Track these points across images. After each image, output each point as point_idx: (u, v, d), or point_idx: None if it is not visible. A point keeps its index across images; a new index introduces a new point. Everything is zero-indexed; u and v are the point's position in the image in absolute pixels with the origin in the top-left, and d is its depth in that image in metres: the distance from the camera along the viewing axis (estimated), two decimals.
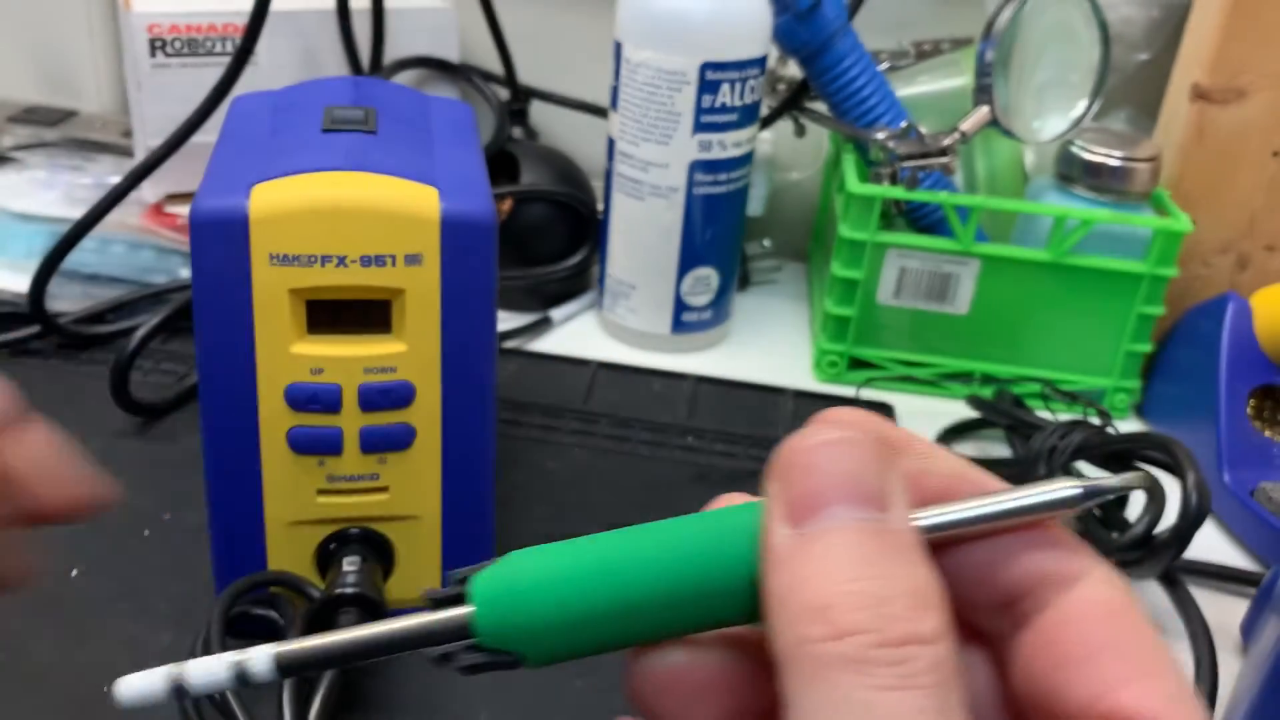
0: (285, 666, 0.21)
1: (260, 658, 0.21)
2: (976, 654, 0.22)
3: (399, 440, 0.42)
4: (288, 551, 0.44)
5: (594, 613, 0.20)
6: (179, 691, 0.20)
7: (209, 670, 0.21)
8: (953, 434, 0.63)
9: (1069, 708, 0.19)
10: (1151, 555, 0.48)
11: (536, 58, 0.84)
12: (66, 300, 0.67)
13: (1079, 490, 0.20)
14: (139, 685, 0.20)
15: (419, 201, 0.40)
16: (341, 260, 0.39)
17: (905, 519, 0.19)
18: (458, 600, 0.21)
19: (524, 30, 0.83)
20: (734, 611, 0.20)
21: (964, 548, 0.20)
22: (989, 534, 0.20)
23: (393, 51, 0.77)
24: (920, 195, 0.64)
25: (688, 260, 0.67)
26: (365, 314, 0.41)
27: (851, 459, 0.19)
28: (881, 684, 0.17)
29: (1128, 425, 0.67)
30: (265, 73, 0.72)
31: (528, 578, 0.20)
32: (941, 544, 0.20)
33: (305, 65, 0.74)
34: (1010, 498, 0.20)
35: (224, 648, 0.40)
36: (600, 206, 0.71)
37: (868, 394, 0.67)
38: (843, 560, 0.18)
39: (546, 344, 0.70)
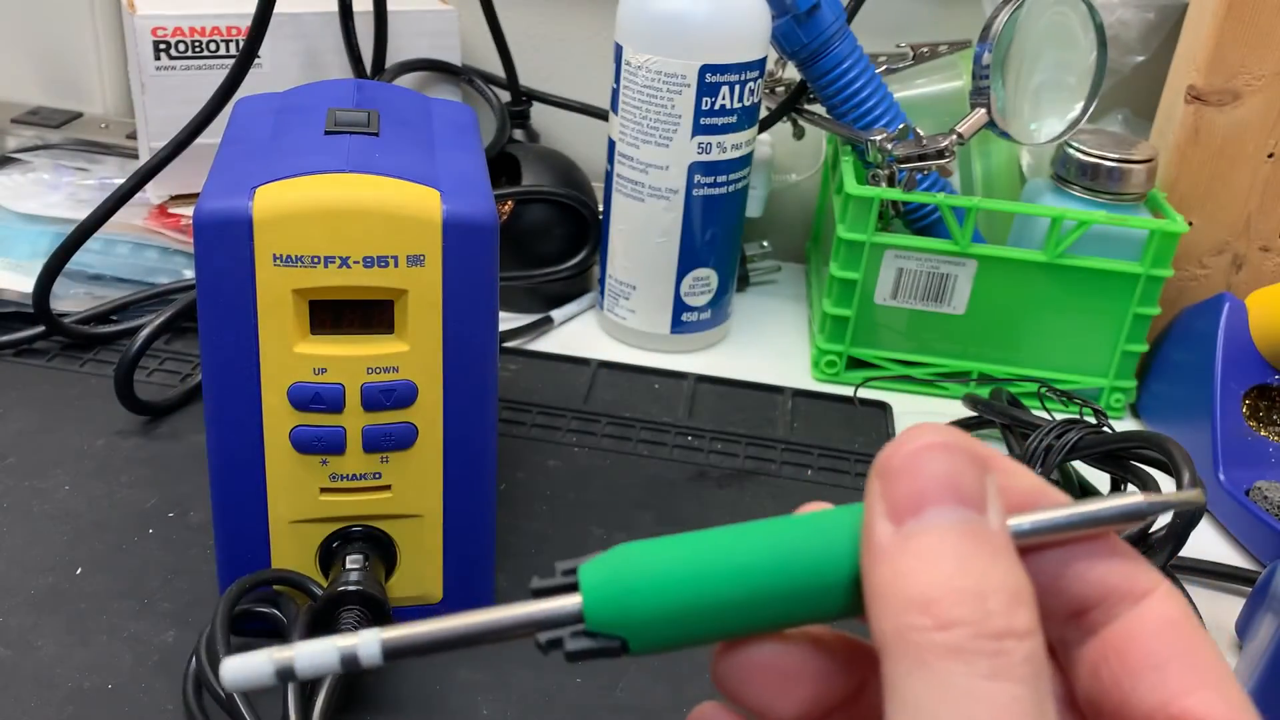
0: (392, 651, 0.21)
1: (368, 643, 0.21)
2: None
3: (401, 439, 0.43)
4: (291, 550, 0.44)
5: (699, 606, 0.21)
6: (285, 674, 0.21)
7: (317, 654, 0.21)
8: None
9: (1137, 712, 0.21)
10: (1148, 554, 0.49)
11: (537, 60, 0.85)
12: (71, 301, 0.68)
13: (1144, 503, 0.22)
14: (244, 668, 0.21)
15: (421, 203, 0.40)
16: (344, 261, 0.40)
17: (1000, 521, 0.20)
18: (564, 590, 0.21)
19: (525, 33, 0.84)
20: (830, 607, 0.21)
21: (1036, 557, 0.22)
22: (1064, 542, 0.22)
23: (395, 54, 0.77)
24: (918, 196, 0.65)
25: (687, 261, 0.68)
26: (368, 314, 0.41)
27: (951, 462, 0.20)
28: (981, 673, 0.18)
29: (1124, 425, 0.68)
30: (269, 75, 0.72)
31: (637, 569, 0.21)
32: (1023, 550, 0.21)
33: (308, 68, 0.75)
34: (1085, 508, 0.21)
35: (228, 646, 0.41)
36: (600, 208, 0.71)
37: (865, 394, 0.67)
38: (944, 557, 0.19)
39: (547, 344, 0.70)
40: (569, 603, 0.21)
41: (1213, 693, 0.20)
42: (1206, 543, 0.58)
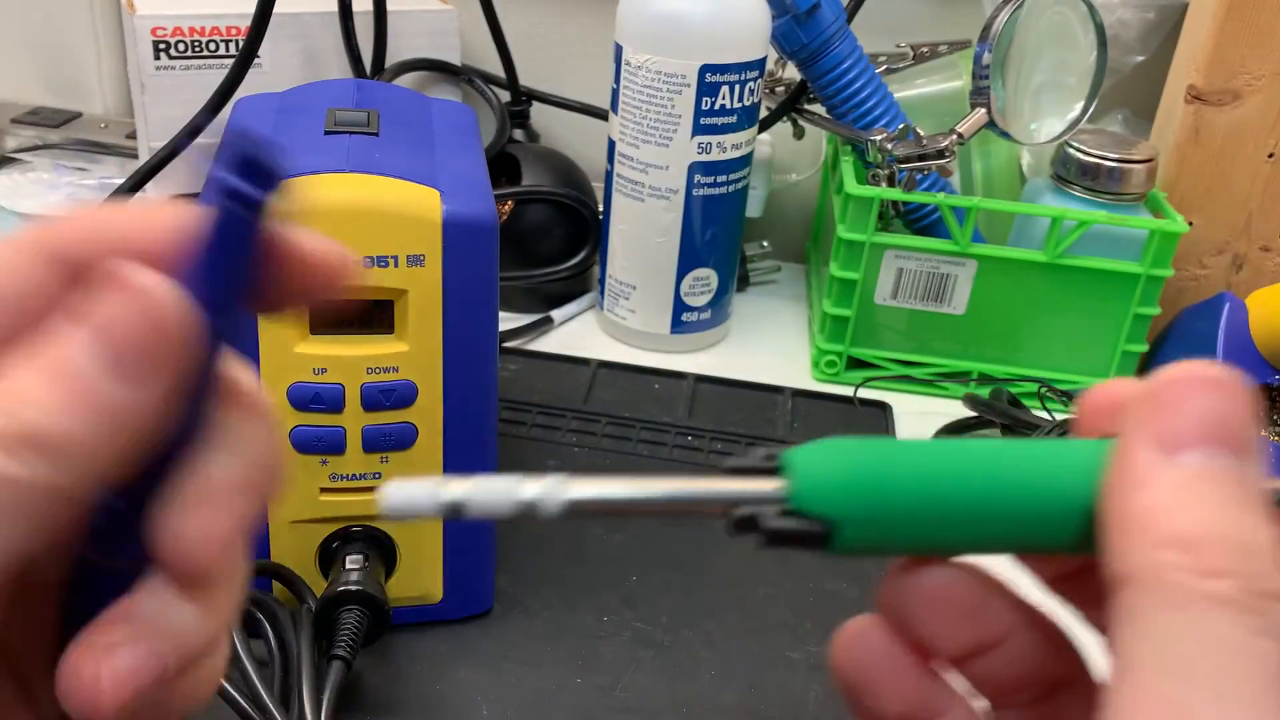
0: (576, 509, 0.20)
1: (551, 495, 0.20)
2: None
3: (401, 439, 0.43)
4: (291, 549, 0.44)
5: (918, 502, 0.20)
6: (451, 510, 0.19)
7: (492, 495, 0.19)
8: (950, 433, 0.63)
9: None
10: None
11: (537, 60, 0.85)
12: None
13: None
14: (407, 495, 0.19)
15: (421, 203, 0.40)
16: None
17: (1263, 478, 0.19)
18: (763, 473, 0.20)
19: (525, 33, 0.84)
20: (1052, 535, 0.20)
21: None
22: None
23: (395, 54, 0.77)
24: (918, 196, 0.65)
25: (687, 261, 0.68)
26: (368, 314, 0.41)
27: (1226, 402, 0.19)
28: (1251, 628, 0.17)
29: None
30: (268, 75, 0.72)
31: (855, 454, 0.20)
32: None
33: (308, 68, 0.75)
34: None
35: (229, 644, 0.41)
36: (600, 208, 0.71)
37: (865, 394, 0.67)
38: (1212, 500, 0.18)
39: (547, 344, 0.70)
40: (770, 484, 0.20)
41: None
42: None
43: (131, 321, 0.19)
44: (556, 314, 0.72)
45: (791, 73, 0.73)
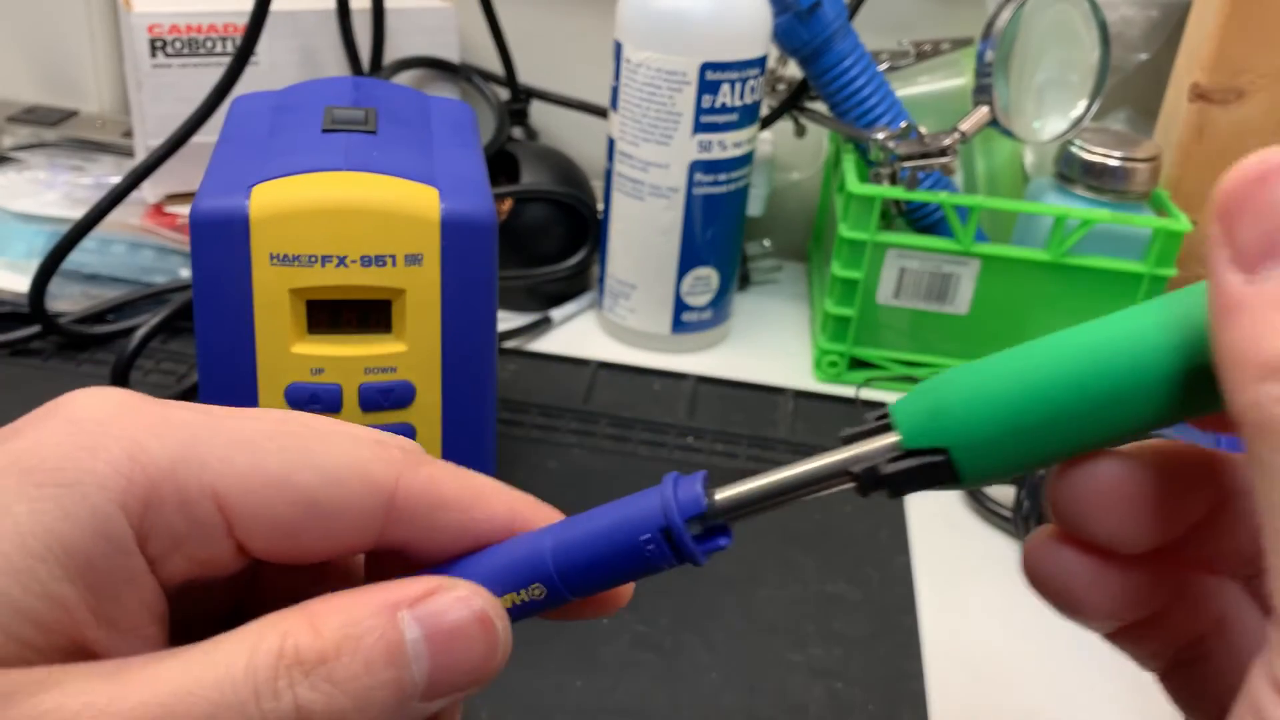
0: (718, 511, 0.22)
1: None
2: None
3: None
4: None
5: (1021, 406, 0.20)
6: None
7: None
8: None
9: None
10: None
11: (537, 58, 0.84)
12: (67, 300, 0.67)
13: None
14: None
15: (419, 201, 0.40)
16: (342, 260, 0.39)
17: None
18: (877, 433, 0.21)
19: (524, 30, 0.83)
20: (1162, 405, 0.19)
21: None
22: None
23: (393, 51, 0.77)
24: (920, 195, 0.64)
25: (688, 260, 0.67)
26: (365, 314, 0.41)
27: None
28: None
29: None
30: (265, 73, 0.72)
31: (949, 383, 0.20)
32: None
33: (305, 65, 0.74)
34: None
35: None
36: (600, 206, 0.71)
37: (868, 394, 0.67)
38: None
39: (546, 344, 0.70)
40: (883, 440, 0.21)
41: None
42: None
43: (470, 661, 0.21)
44: (556, 313, 0.72)
45: (793, 70, 0.73)
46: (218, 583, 0.22)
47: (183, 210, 0.73)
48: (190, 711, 0.19)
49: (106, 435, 0.20)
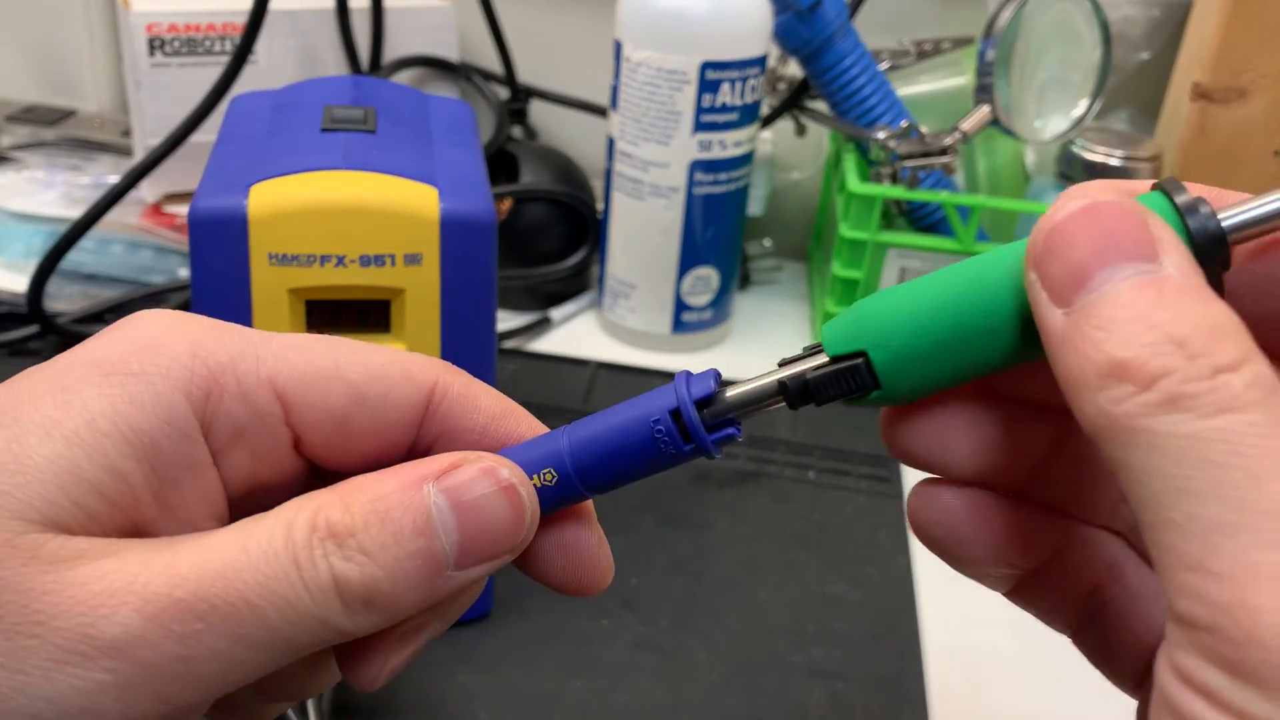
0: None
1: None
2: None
3: None
4: None
5: (923, 315, 0.22)
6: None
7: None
8: None
9: None
10: None
11: (536, 57, 0.84)
12: (65, 300, 0.67)
13: None
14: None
15: (418, 201, 0.40)
16: (341, 260, 0.39)
17: (1179, 260, 0.19)
18: (810, 356, 0.23)
19: (524, 29, 0.83)
20: (1015, 341, 0.21)
21: (1265, 268, 0.21)
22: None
23: (392, 50, 0.76)
24: (921, 195, 0.64)
25: (688, 260, 0.67)
26: (364, 314, 0.41)
27: (1105, 219, 0.19)
28: (1203, 412, 0.17)
29: None
30: (264, 72, 0.72)
31: (867, 301, 0.22)
32: (1246, 246, 0.21)
33: (304, 64, 0.74)
34: None
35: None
36: (600, 206, 0.71)
37: None
38: (1124, 317, 0.18)
39: (546, 344, 0.70)
40: (815, 359, 0.23)
41: None
42: None
43: (498, 531, 0.22)
44: (555, 313, 0.72)
45: (793, 70, 0.73)
46: (276, 494, 0.23)
47: (181, 210, 0.73)
48: (242, 577, 0.20)
49: (169, 335, 0.22)
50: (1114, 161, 0.64)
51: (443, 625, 0.24)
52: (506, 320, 0.70)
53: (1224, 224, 0.20)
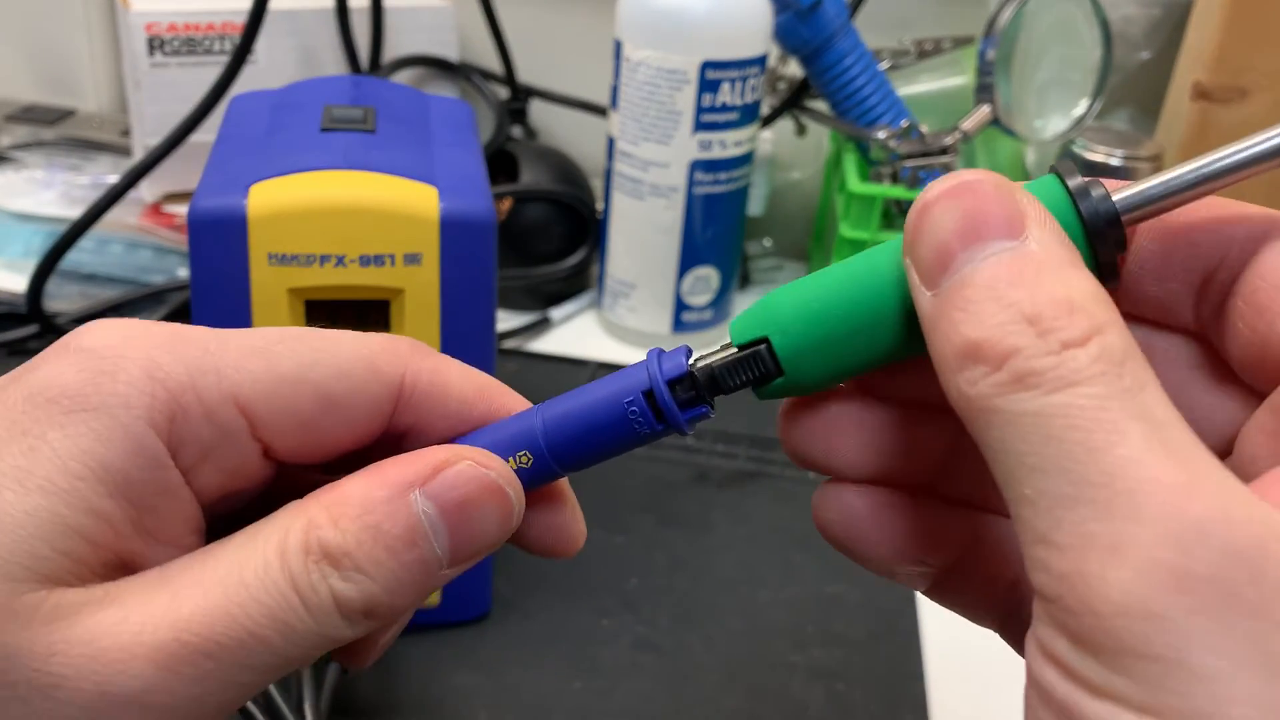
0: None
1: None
2: (1176, 340, 0.23)
3: None
4: None
5: (824, 304, 0.22)
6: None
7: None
8: None
9: None
10: None
11: (536, 56, 0.84)
12: (64, 300, 0.67)
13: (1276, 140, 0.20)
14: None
15: (418, 201, 0.39)
16: (340, 260, 0.39)
17: (1044, 236, 0.19)
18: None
19: (523, 29, 0.83)
20: (901, 336, 0.21)
21: (1161, 236, 0.22)
22: (1168, 209, 0.21)
23: (392, 50, 0.76)
24: None
25: (688, 260, 0.67)
26: (364, 313, 0.41)
27: (969, 199, 0.19)
28: (1047, 389, 0.17)
29: None
30: (264, 72, 0.72)
31: (766, 296, 0.23)
32: (1138, 221, 0.21)
33: (304, 64, 0.74)
34: (1187, 169, 0.20)
35: None
36: (600, 206, 0.71)
37: None
38: (981, 299, 0.18)
39: (546, 344, 0.70)
40: (725, 351, 0.23)
41: None
42: None
43: (487, 530, 0.22)
44: (555, 313, 0.72)
45: (794, 69, 0.73)
46: (249, 497, 0.23)
47: (180, 210, 0.73)
48: (245, 612, 0.20)
49: (121, 358, 0.21)
50: (1114, 161, 0.64)
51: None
52: (506, 320, 0.70)
53: (1116, 204, 0.20)
